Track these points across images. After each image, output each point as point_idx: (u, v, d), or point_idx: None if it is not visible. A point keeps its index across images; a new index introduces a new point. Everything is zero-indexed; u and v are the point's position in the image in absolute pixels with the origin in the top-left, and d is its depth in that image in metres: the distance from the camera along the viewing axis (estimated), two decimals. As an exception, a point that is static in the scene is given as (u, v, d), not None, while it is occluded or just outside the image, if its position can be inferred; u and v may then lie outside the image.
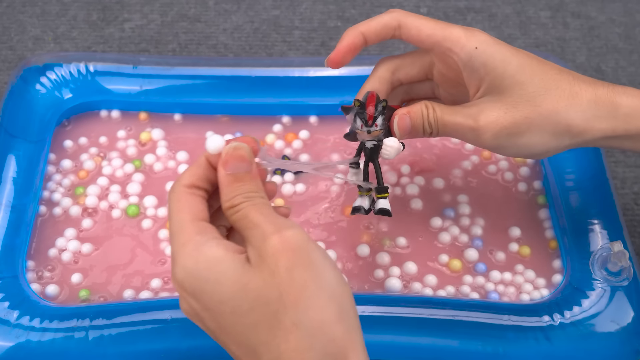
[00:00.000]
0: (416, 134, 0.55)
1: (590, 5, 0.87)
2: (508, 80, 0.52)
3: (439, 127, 0.54)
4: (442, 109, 0.54)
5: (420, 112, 0.54)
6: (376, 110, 0.53)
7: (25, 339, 0.54)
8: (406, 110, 0.54)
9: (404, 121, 0.54)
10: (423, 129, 0.54)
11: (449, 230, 0.63)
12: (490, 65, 0.53)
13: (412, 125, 0.54)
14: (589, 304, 0.57)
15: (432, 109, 0.54)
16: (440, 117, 0.54)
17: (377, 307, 0.56)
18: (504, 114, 0.52)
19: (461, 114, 0.53)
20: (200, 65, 0.71)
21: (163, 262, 0.61)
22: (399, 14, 0.55)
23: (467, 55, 0.53)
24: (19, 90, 0.67)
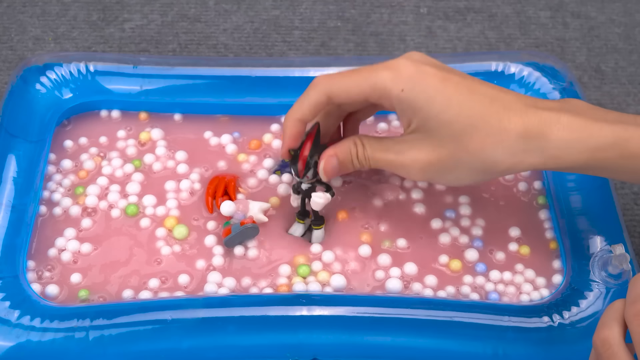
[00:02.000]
0: (345, 171, 0.57)
1: (590, 5, 0.87)
2: (434, 120, 0.52)
3: (370, 163, 0.55)
4: (372, 146, 0.55)
5: (349, 151, 0.56)
6: (306, 168, 0.56)
7: (25, 339, 0.54)
8: (333, 152, 0.56)
9: (330, 164, 0.56)
10: (353, 167, 0.56)
11: (449, 231, 0.63)
12: (416, 106, 0.52)
13: (341, 165, 0.56)
14: (588, 304, 0.57)
15: (362, 145, 0.55)
16: (371, 155, 0.55)
17: (378, 308, 0.56)
18: (431, 152, 0.53)
19: (391, 151, 0.55)
20: (200, 65, 0.71)
21: (159, 261, 0.61)
22: (323, 84, 0.55)
23: (396, 99, 0.53)
24: (19, 90, 0.67)
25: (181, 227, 0.62)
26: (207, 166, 0.66)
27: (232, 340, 0.55)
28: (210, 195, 0.63)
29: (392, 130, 0.69)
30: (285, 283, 0.59)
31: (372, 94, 0.54)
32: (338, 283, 0.59)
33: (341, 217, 0.63)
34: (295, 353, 0.55)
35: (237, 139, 0.68)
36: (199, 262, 0.60)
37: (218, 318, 0.56)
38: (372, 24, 0.85)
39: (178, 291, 0.59)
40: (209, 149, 0.67)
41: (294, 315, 0.56)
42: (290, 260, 0.61)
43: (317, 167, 0.57)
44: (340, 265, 0.60)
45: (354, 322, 0.56)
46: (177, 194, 0.64)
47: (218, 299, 0.58)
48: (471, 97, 0.52)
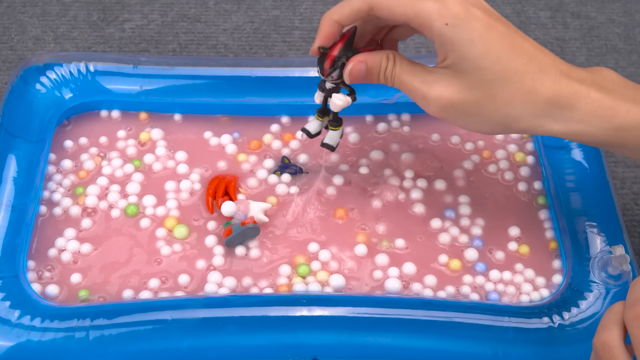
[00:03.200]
0: (371, 81, 0.56)
1: (590, 5, 0.87)
2: (470, 63, 0.52)
3: (394, 82, 0.55)
4: (402, 66, 0.54)
5: (379, 63, 0.55)
6: (332, 67, 0.55)
7: (26, 339, 0.54)
8: (364, 58, 0.55)
9: (357, 68, 0.55)
10: (378, 79, 0.55)
11: (449, 231, 0.63)
12: (456, 44, 0.52)
13: (368, 73, 0.55)
14: (588, 305, 0.57)
15: (393, 62, 0.55)
16: (398, 75, 0.54)
17: (377, 308, 0.56)
18: (457, 93, 0.52)
19: (418, 78, 0.54)
20: (200, 65, 0.71)
21: (159, 261, 0.61)
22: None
23: (437, 32, 0.52)
24: (19, 90, 0.67)
25: (181, 227, 0.62)
26: (207, 166, 0.66)
27: (232, 341, 0.55)
28: (211, 196, 0.63)
29: (392, 130, 0.69)
30: (286, 283, 0.59)
31: (415, 20, 0.53)
32: (338, 283, 0.59)
33: (339, 215, 0.63)
34: (295, 353, 0.55)
35: (237, 139, 0.68)
36: (199, 262, 0.60)
37: (218, 318, 0.56)
38: (372, 24, 0.85)
39: (178, 291, 0.59)
40: (209, 149, 0.67)
41: (294, 316, 0.56)
42: (291, 260, 0.61)
43: (344, 68, 0.56)
44: (339, 264, 0.60)
45: (354, 323, 0.56)
46: (177, 194, 0.64)
47: (218, 299, 0.58)
48: (512, 52, 0.52)
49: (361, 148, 0.67)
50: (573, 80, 0.52)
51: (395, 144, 0.68)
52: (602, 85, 0.53)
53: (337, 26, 0.55)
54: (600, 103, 0.52)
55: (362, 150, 0.67)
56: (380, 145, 0.68)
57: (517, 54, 0.52)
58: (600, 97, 0.52)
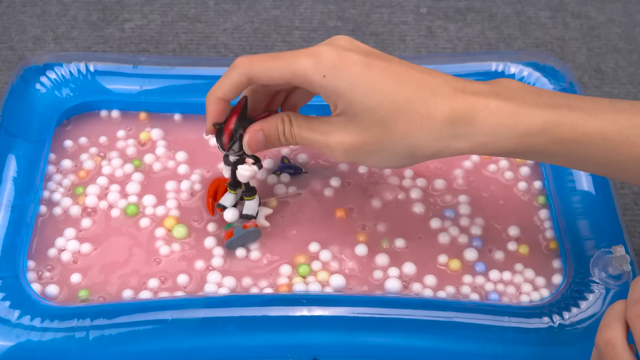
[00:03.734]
0: (272, 147, 0.56)
1: (590, 5, 0.87)
2: (358, 105, 0.51)
3: (296, 141, 0.55)
4: (299, 124, 0.55)
5: (276, 127, 0.55)
6: (231, 140, 0.56)
7: (25, 339, 0.54)
8: (259, 127, 0.55)
9: (255, 138, 0.55)
10: (279, 143, 0.56)
11: (449, 231, 0.63)
12: (339, 91, 0.51)
13: (267, 140, 0.55)
14: (588, 305, 0.57)
15: (289, 123, 0.55)
16: (298, 133, 0.54)
17: (378, 308, 0.56)
18: (355, 136, 0.52)
19: (317, 131, 0.54)
20: (200, 65, 0.71)
21: (158, 261, 0.61)
22: (244, 65, 0.54)
23: (318, 85, 0.52)
24: (19, 90, 0.67)
25: (181, 227, 0.62)
26: (208, 167, 0.66)
27: (232, 340, 0.55)
28: (211, 197, 0.63)
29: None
30: (286, 283, 0.59)
31: (294, 79, 0.53)
32: (338, 283, 0.59)
33: (339, 215, 0.63)
34: (296, 353, 0.55)
35: (237, 139, 0.68)
36: (198, 263, 0.60)
37: (218, 318, 0.56)
38: (372, 24, 0.85)
39: (178, 291, 0.59)
40: (208, 149, 0.67)
41: (294, 316, 0.56)
42: (291, 260, 0.61)
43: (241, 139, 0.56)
44: (337, 264, 0.60)
45: (354, 323, 0.56)
46: (177, 194, 0.64)
47: (218, 299, 0.58)
48: (396, 83, 0.51)
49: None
50: (469, 94, 0.51)
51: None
52: (501, 94, 0.51)
53: (223, 102, 0.55)
54: (501, 112, 0.51)
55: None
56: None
57: (402, 84, 0.51)
58: (500, 106, 0.51)
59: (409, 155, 0.53)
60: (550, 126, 0.50)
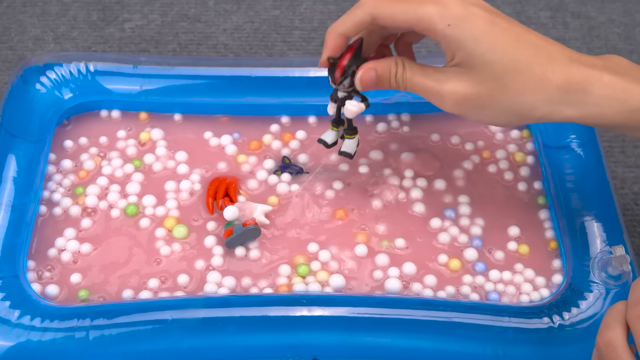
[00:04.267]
0: (382, 87, 0.56)
1: (590, 5, 0.87)
2: (478, 58, 0.52)
3: (407, 85, 0.55)
4: (412, 69, 0.55)
5: (389, 69, 0.56)
6: (343, 75, 0.56)
7: (25, 339, 0.54)
8: (373, 65, 0.56)
9: (368, 76, 0.56)
10: (390, 84, 0.56)
11: (449, 231, 0.63)
12: (462, 42, 0.53)
13: (379, 80, 0.56)
14: (587, 306, 0.57)
15: (402, 67, 0.55)
16: (410, 77, 0.55)
17: (378, 308, 0.56)
18: (470, 87, 0.53)
19: (431, 77, 0.54)
20: (200, 65, 0.71)
21: (158, 261, 0.61)
22: (370, 4, 0.55)
23: (441, 34, 0.53)
24: (19, 90, 0.67)
25: (181, 226, 0.62)
26: (207, 167, 0.66)
27: (232, 341, 0.55)
28: (211, 196, 0.63)
29: (392, 130, 0.69)
30: (285, 283, 0.59)
31: (418, 25, 0.54)
32: (337, 283, 0.59)
33: (339, 216, 0.63)
34: (295, 353, 0.55)
35: (237, 140, 0.68)
36: (198, 262, 0.60)
37: (218, 318, 0.56)
38: (372, 24, 0.85)
39: (178, 291, 0.59)
40: (208, 149, 0.67)
41: (294, 316, 0.56)
42: (290, 260, 0.61)
43: (355, 76, 0.57)
44: (339, 265, 0.60)
45: (354, 323, 0.56)
46: (177, 194, 0.64)
47: (218, 299, 0.58)
48: (517, 44, 0.53)
49: (361, 148, 0.67)
50: (584, 65, 0.53)
51: (394, 143, 0.68)
52: (613, 69, 0.53)
53: (342, 38, 0.56)
54: (614, 86, 0.52)
55: (361, 150, 0.67)
56: (380, 145, 0.68)
57: (522, 45, 0.53)
58: (613, 80, 0.52)
59: (520, 114, 0.54)
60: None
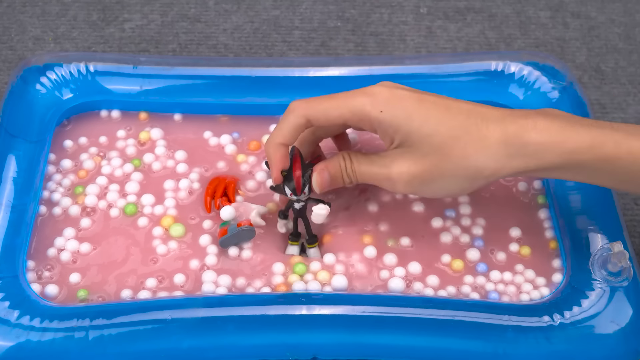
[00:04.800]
0: (336, 185, 0.58)
1: (590, 5, 0.87)
2: (414, 135, 0.54)
3: (357, 177, 0.57)
4: (358, 160, 0.57)
5: (339, 165, 0.57)
6: (303, 180, 0.58)
7: (25, 339, 0.54)
8: (324, 166, 0.58)
9: (322, 177, 0.58)
10: (343, 181, 0.58)
11: (451, 231, 0.63)
12: (396, 124, 0.54)
13: (332, 178, 0.58)
14: (589, 304, 0.57)
15: (350, 160, 0.57)
16: (358, 169, 0.57)
17: (377, 307, 0.56)
18: (414, 164, 0.55)
19: (376, 164, 0.56)
20: (200, 65, 0.71)
21: (155, 260, 0.61)
22: (302, 108, 0.56)
23: (376, 121, 0.55)
24: (19, 90, 0.67)
25: (178, 225, 0.62)
26: (207, 166, 0.66)
27: (232, 340, 0.55)
28: (210, 195, 0.63)
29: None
30: (283, 282, 0.59)
31: (352, 118, 0.56)
32: (338, 283, 0.59)
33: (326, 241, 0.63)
34: (295, 352, 0.55)
35: (237, 140, 0.68)
36: (193, 262, 0.60)
37: (218, 317, 0.56)
38: (372, 24, 0.85)
39: (175, 290, 0.59)
40: (208, 149, 0.67)
41: (293, 315, 0.56)
42: (286, 261, 0.61)
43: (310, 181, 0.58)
44: (342, 267, 0.60)
45: (354, 321, 0.56)
46: (175, 193, 0.64)
47: (218, 299, 0.58)
48: (448, 113, 0.54)
49: (361, 149, 0.67)
50: (517, 117, 0.54)
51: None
52: (547, 115, 0.55)
53: (283, 148, 0.57)
54: (549, 130, 0.54)
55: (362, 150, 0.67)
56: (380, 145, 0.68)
57: (453, 113, 0.54)
58: (548, 125, 0.54)
59: (469, 178, 0.55)
60: (596, 143, 0.53)
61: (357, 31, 0.85)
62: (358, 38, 0.84)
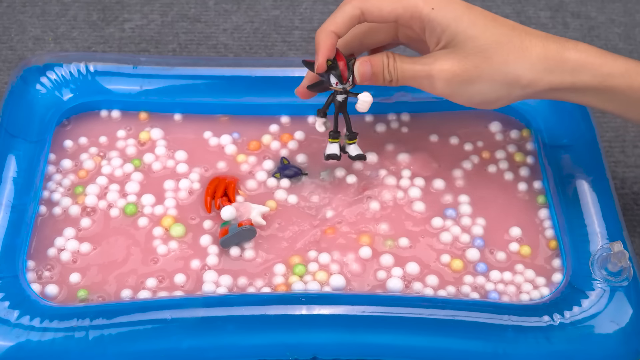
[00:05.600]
0: (376, 81, 0.59)
1: (590, 5, 0.87)
2: (461, 35, 0.57)
3: (398, 75, 0.59)
4: (401, 58, 0.59)
5: (381, 61, 0.59)
6: (348, 70, 0.59)
7: (25, 339, 0.54)
8: (367, 58, 0.59)
9: (364, 67, 0.59)
10: (383, 77, 0.59)
11: (450, 230, 0.63)
12: (445, 23, 0.57)
13: (373, 72, 0.59)
14: (589, 304, 0.57)
15: (393, 58, 0.59)
16: (400, 66, 0.58)
17: (378, 307, 0.56)
18: (457, 63, 0.57)
19: (418, 62, 0.58)
20: (200, 65, 0.71)
21: (155, 260, 0.61)
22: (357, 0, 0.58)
23: (427, 18, 0.57)
24: (19, 90, 0.67)
25: (178, 225, 0.62)
26: (207, 166, 0.66)
27: (232, 340, 0.55)
28: (210, 196, 0.63)
29: (391, 130, 0.69)
30: (283, 282, 0.59)
31: (404, 14, 0.57)
32: (337, 283, 0.59)
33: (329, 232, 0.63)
34: (295, 352, 0.55)
35: (237, 140, 0.68)
36: (194, 262, 0.60)
37: (218, 317, 0.56)
38: (372, 24, 0.85)
39: (175, 290, 0.59)
40: (208, 149, 0.67)
41: (293, 315, 0.56)
42: (286, 260, 0.61)
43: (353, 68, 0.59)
44: (337, 266, 0.60)
45: (354, 321, 0.56)
46: (175, 193, 0.64)
47: (217, 298, 0.58)
48: (495, 22, 0.57)
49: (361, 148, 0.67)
50: (558, 37, 0.58)
51: (393, 144, 0.68)
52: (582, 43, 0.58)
53: (334, 37, 0.58)
54: (588, 52, 0.57)
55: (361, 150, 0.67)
56: (379, 145, 0.68)
57: (500, 22, 0.58)
58: (588, 48, 0.57)
59: (506, 85, 0.57)
60: (631, 72, 0.57)
61: (357, 31, 0.84)
62: (358, 38, 0.84)
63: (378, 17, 0.58)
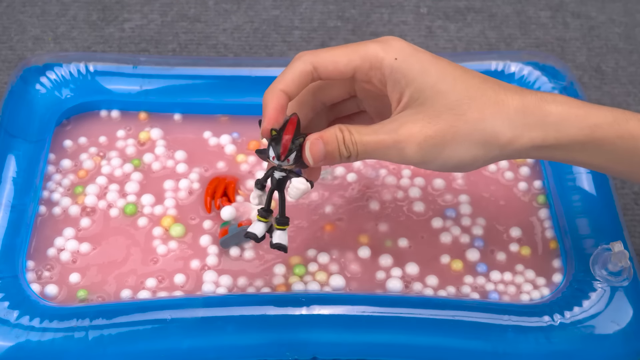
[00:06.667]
0: (332, 160, 0.51)
1: (590, 5, 0.87)
2: (429, 90, 0.50)
3: (358, 149, 0.51)
4: (358, 130, 0.51)
5: (335, 136, 0.51)
6: (292, 145, 0.51)
7: (25, 339, 0.54)
8: (318, 135, 0.51)
9: (316, 147, 0.51)
10: (340, 154, 0.51)
11: (450, 231, 0.63)
12: (410, 76, 0.50)
13: (327, 151, 0.51)
14: (589, 304, 0.57)
15: (348, 131, 0.51)
16: (359, 139, 0.50)
17: (377, 307, 0.56)
18: (427, 124, 0.50)
19: (382, 131, 0.50)
20: (200, 65, 0.71)
21: (155, 260, 0.61)
22: (309, 55, 0.52)
23: (389, 69, 0.51)
24: (19, 90, 0.67)
25: (178, 225, 0.62)
26: (207, 166, 0.66)
27: (232, 340, 0.55)
28: (210, 196, 0.63)
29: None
30: (283, 283, 0.59)
31: (362, 64, 0.51)
32: (337, 283, 0.59)
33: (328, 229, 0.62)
34: (295, 352, 0.55)
35: (236, 140, 0.68)
36: (194, 262, 0.60)
37: (217, 317, 0.56)
38: (372, 24, 0.85)
39: (175, 290, 0.59)
40: (208, 149, 0.67)
41: (293, 315, 0.56)
42: (285, 260, 0.61)
43: (302, 151, 0.51)
44: (337, 266, 0.60)
45: (354, 321, 0.56)
46: (175, 193, 0.64)
47: (217, 299, 0.58)
48: (465, 74, 0.51)
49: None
50: (534, 91, 0.52)
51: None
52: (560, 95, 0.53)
53: (283, 97, 0.51)
54: (570, 103, 0.51)
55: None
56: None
57: (470, 75, 0.51)
58: (568, 100, 0.52)
59: (483, 144, 0.50)
60: (619, 120, 0.51)
61: (357, 31, 0.85)
62: (358, 38, 0.84)
63: (333, 71, 0.51)
